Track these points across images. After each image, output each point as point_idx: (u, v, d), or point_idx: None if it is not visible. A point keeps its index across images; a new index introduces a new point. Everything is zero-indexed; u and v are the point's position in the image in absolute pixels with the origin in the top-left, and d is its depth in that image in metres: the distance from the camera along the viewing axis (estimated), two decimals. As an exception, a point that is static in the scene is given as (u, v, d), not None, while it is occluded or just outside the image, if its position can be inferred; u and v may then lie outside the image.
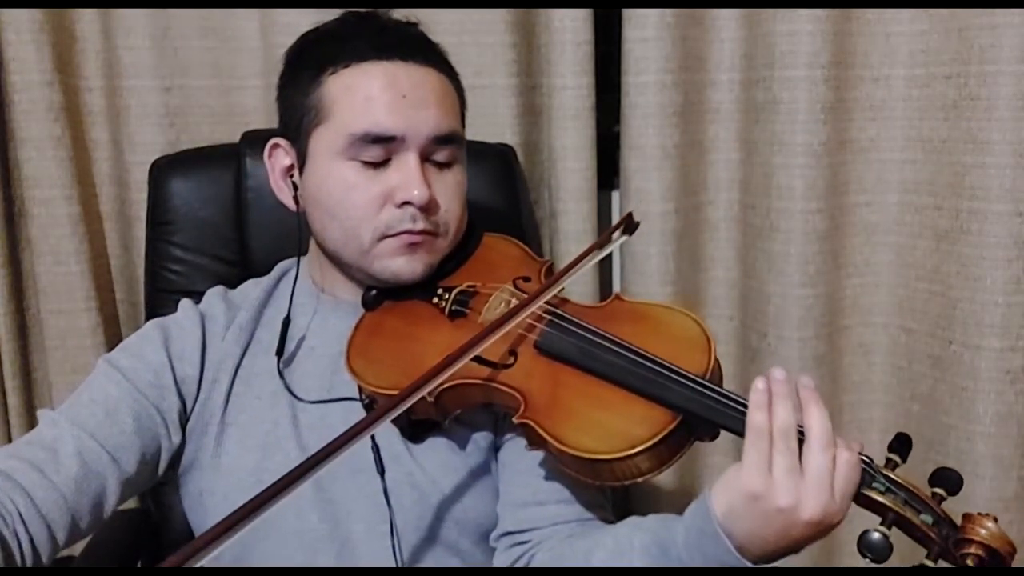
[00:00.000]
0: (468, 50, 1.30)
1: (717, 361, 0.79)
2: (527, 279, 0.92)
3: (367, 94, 0.85)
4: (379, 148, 0.86)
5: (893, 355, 1.40)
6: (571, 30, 1.30)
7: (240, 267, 1.17)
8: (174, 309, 0.96)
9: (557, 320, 0.84)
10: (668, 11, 1.29)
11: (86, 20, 1.31)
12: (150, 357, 0.89)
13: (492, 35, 1.31)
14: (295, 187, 0.92)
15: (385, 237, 0.87)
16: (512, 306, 0.85)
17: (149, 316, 1.17)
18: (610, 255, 1.48)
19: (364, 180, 0.86)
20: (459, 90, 0.94)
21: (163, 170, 1.18)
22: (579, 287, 1.38)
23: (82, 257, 1.31)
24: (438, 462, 0.88)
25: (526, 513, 0.87)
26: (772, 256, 1.35)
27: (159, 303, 1.16)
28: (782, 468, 0.68)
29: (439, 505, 0.87)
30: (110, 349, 1.33)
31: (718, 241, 1.43)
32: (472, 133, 0.98)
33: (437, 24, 0.96)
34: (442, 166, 0.90)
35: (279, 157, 0.93)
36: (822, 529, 0.68)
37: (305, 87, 0.88)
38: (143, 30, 1.29)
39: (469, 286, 0.91)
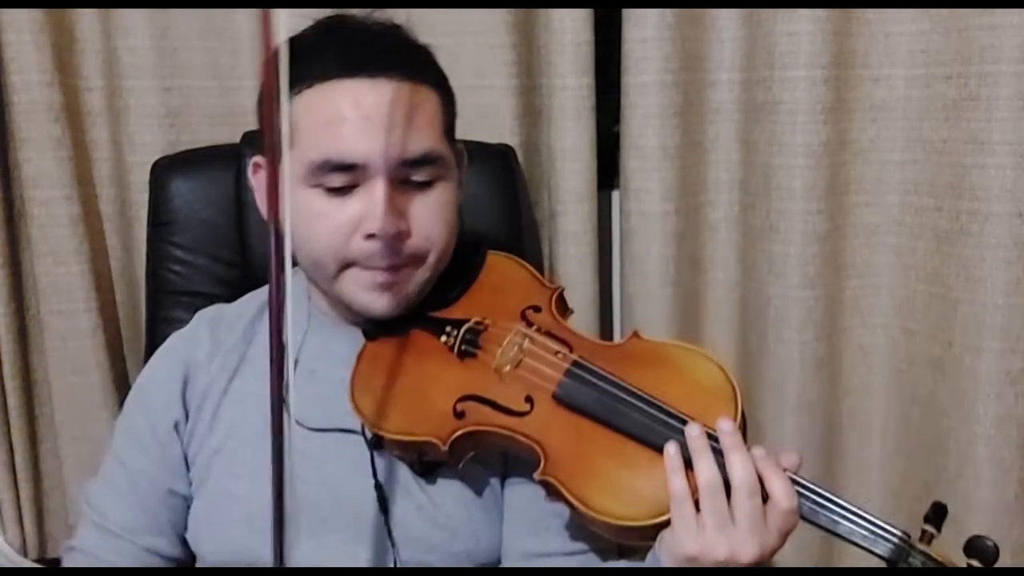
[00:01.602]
0: (467, 51, 1.29)
1: (744, 413, 0.76)
2: (537, 308, 0.87)
3: (328, 117, 0.78)
4: (343, 175, 0.79)
5: (893, 357, 1.40)
6: (571, 30, 1.30)
7: (240, 268, 1.16)
8: (174, 310, 0.96)
9: (576, 369, 0.80)
10: (668, 11, 1.29)
11: (86, 20, 1.30)
12: (143, 438, 0.90)
13: (492, 36, 1.30)
14: None
15: (351, 265, 0.82)
16: (525, 349, 0.82)
17: (150, 317, 1.17)
18: (610, 257, 1.48)
19: (331, 208, 0.80)
20: (445, 100, 0.86)
21: (164, 170, 1.18)
22: (578, 290, 1.37)
23: (82, 257, 1.31)
24: (449, 495, 0.85)
25: (529, 564, 0.85)
26: (772, 257, 1.35)
27: (160, 304, 1.16)
28: (712, 526, 0.69)
29: (450, 538, 0.84)
30: (110, 349, 1.35)
31: (718, 242, 1.43)
32: (472, 133, 0.98)
33: (436, 24, 0.95)
34: (422, 186, 0.82)
35: (261, 176, 0.89)
36: (765, 560, 0.70)
37: None
38: (143, 30, 1.29)
39: (477, 323, 0.86)
